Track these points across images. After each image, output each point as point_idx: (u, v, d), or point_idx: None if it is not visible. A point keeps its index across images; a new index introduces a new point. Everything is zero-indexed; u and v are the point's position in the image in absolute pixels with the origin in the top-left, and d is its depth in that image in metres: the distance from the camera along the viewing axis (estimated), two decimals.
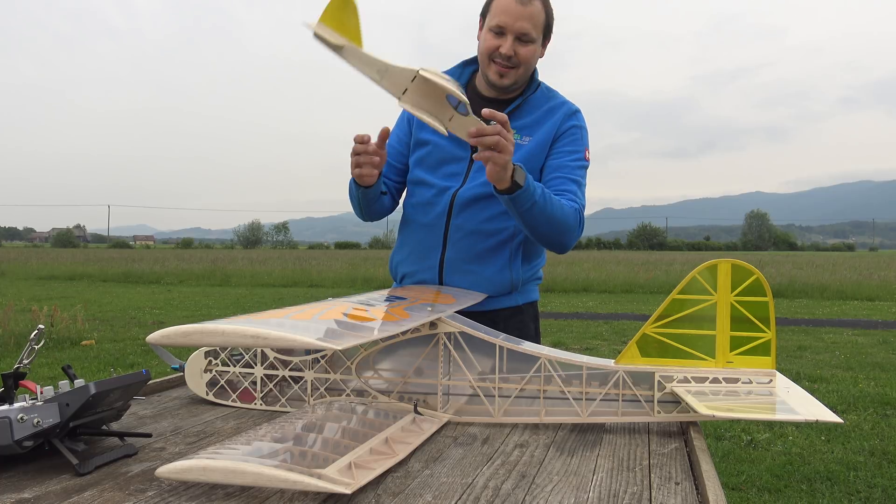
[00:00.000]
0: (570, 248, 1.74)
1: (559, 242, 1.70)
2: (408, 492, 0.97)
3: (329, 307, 1.16)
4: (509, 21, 1.71)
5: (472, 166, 1.81)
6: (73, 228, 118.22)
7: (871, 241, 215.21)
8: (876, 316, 11.66)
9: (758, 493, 3.49)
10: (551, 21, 1.80)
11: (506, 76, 1.77)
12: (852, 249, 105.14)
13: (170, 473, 0.95)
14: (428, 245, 1.83)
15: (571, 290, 16.59)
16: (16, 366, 1.10)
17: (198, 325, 0.89)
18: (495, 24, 1.73)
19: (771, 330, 1.29)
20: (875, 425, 4.65)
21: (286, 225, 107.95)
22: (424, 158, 1.86)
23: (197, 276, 20.47)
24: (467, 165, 1.82)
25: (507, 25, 1.71)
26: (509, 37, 1.72)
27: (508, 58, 1.73)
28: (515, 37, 1.72)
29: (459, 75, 1.89)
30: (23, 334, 7.35)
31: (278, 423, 1.17)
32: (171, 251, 51.74)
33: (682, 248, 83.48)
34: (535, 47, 1.76)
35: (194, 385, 1.51)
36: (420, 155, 1.87)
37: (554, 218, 1.62)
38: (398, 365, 1.40)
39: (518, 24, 1.71)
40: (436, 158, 1.84)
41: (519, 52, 1.74)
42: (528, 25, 1.72)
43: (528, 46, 1.74)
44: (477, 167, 1.80)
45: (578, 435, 1.28)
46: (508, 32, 1.72)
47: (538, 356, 1.32)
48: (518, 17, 1.71)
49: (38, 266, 23.53)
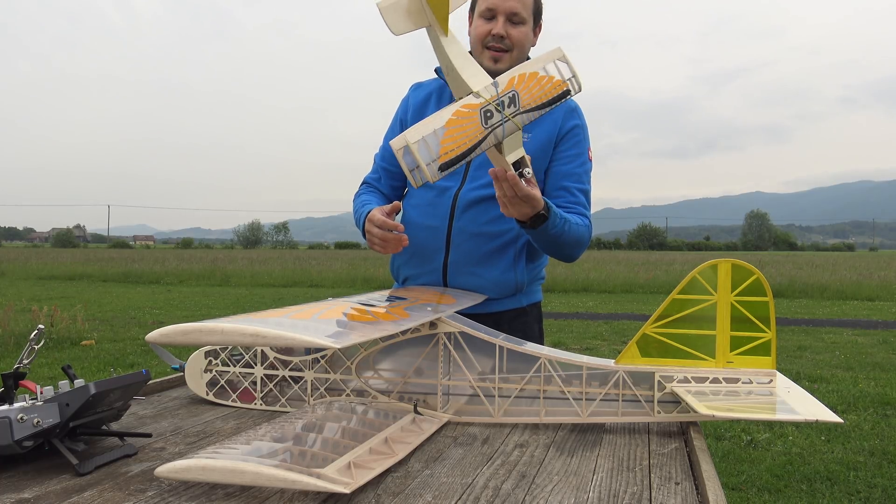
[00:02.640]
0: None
1: (568, 255, 1.72)
2: (408, 492, 0.97)
3: (329, 307, 1.16)
4: (498, 2, 1.73)
5: (471, 165, 1.80)
6: (72, 228, 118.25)
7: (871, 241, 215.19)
8: (876, 316, 11.66)
9: (758, 493, 3.48)
10: (540, 4, 1.82)
11: (500, 60, 1.77)
12: (852, 249, 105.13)
13: (169, 473, 0.95)
14: (431, 248, 1.81)
15: (571, 290, 16.59)
16: (16, 366, 1.10)
17: (197, 324, 0.89)
18: (485, 7, 1.75)
19: (771, 330, 1.29)
20: (875, 425, 4.65)
21: (286, 225, 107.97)
22: None
23: (197, 276, 20.47)
24: (465, 165, 1.81)
25: (496, 6, 1.74)
26: (500, 18, 1.74)
27: (501, 38, 1.74)
28: (506, 17, 1.74)
29: None
30: (23, 334, 7.35)
31: (278, 423, 1.17)
32: (171, 251, 51.74)
33: (682, 248, 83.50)
34: (526, 29, 1.77)
35: (194, 385, 1.51)
36: None
37: (570, 239, 1.64)
38: (398, 365, 1.40)
39: (507, 3, 1.73)
40: None
41: (511, 32, 1.75)
42: (517, 5, 1.74)
43: (519, 28, 1.76)
44: (476, 166, 1.79)
45: (578, 435, 1.28)
46: (499, 14, 1.74)
47: (538, 356, 1.32)
48: None
49: (38, 266, 23.53)
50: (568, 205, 1.72)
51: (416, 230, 1.86)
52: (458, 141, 1.17)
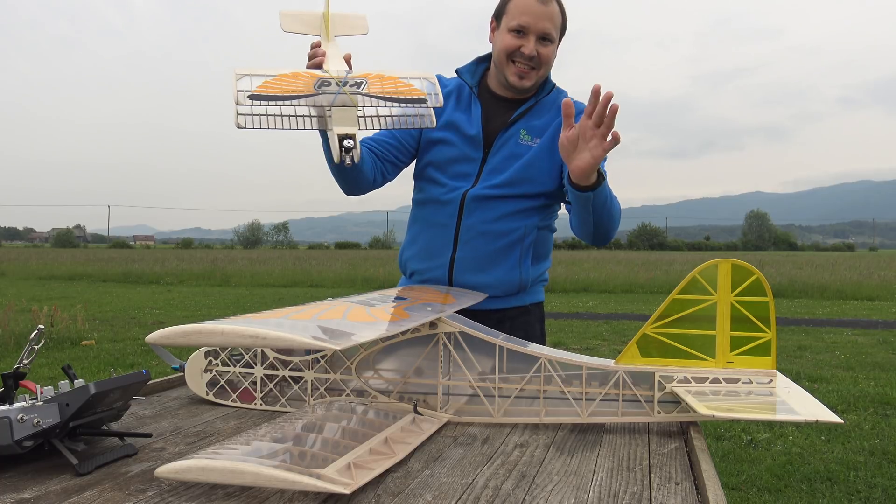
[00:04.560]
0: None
1: (609, 233, 1.67)
2: (408, 492, 0.97)
3: (329, 307, 1.16)
4: (531, 21, 1.70)
5: (484, 168, 1.81)
6: (73, 228, 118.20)
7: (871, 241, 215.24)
8: (876, 316, 11.66)
9: (758, 493, 3.48)
10: (566, 21, 1.80)
11: (526, 77, 1.75)
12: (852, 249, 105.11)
13: (169, 473, 0.95)
14: (439, 244, 1.83)
15: (571, 290, 16.59)
16: (16, 366, 1.10)
17: (197, 325, 0.89)
18: (516, 24, 1.71)
19: (771, 330, 1.29)
20: (875, 425, 4.65)
21: (286, 225, 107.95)
22: (436, 157, 1.85)
23: (197, 276, 20.47)
24: (479, 167, 1.81)
25: (529, 25, 1.70)
26: (531, 37, 1.71)
27: (531, 58, 1.72)
28: (538, 37, 1.71)
29: (473, 72, 1.88)
30: (23, 334, 7.35)
31: (278, 423, 1.17)
32: (171, 251, 51.74)
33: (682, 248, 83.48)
34: (554, 48, 1.76)
35: (194, 385, 1.51)
36: (432, 154, 1.86)
37: (614, 210, 1.63)
38: (398, 365, 1.40)
39: (541, 24, 1.70)
40: (447, 157, 1.83)
41: (541, 52, 1.73)
42: (549, 25, 1.71)
43: (548, 47, 1.74)
44: (489, 169, 1.80)
45: (578, 435, 1.28)
46: (531, 33, 1.71)
47: (538, 356, 1.32)
48: (540, 17, 1.70)
49: (38, 266, 23.53)
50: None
51: (425, 226, 1.87)
52: (280, 88, 1.26)
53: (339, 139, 1.27)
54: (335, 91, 1.28)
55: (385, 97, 1.32)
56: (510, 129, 1.80)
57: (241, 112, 1.21)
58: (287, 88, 1.25)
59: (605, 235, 1.67)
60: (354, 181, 1.74)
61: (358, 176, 1.72)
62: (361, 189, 1.80)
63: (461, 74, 1.88)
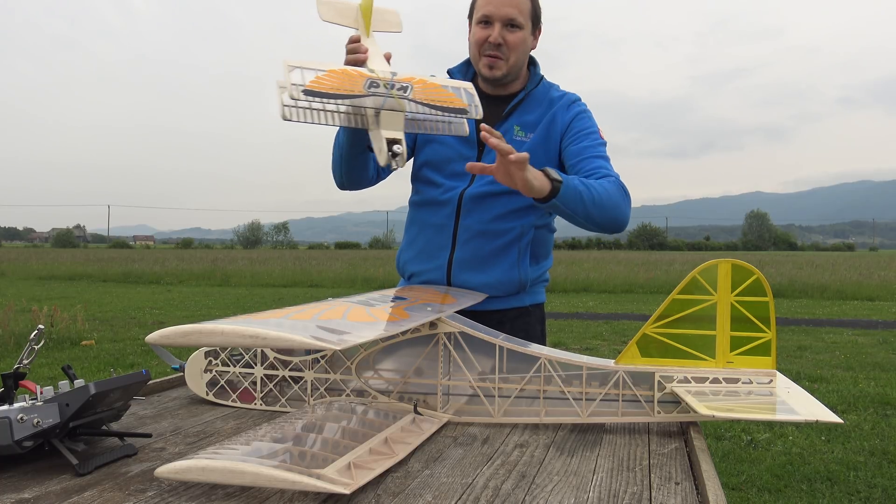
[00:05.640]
0: (628, 221, 1.66)
1: (614, 220, 1.62)
2: (408, 492, 0.97)
3: (329, 307, 1.16)
4: (494, 10, 1.72)
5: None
6: (72, 228, 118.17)
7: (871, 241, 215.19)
8: (876, 316, 11.66)
9: (758, 493, 3.48)
10: (538, 9, 1.80)
11: (495, 66, 1.76)
12: (852, 249, 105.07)
13: (169, 473, 0.95)
14: (437, 245, 1.83)
15: (571, 290, 16.58)
16: (16, 366, 1.10)
17: (197, 325, 0.89)
18: (481, 14, 1.74)
19: (771, 330, 1.29)
20: (875, 425, 4.65)
21: (286, 225, 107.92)
22: (431, 157, 1.85)
23: (197, 276, 20.46)
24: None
25: (492, 14, 1.73)
26: (496, 24, 1.73)
27: (497, 45, 1.73)
28: (502, 24, 1.73)
29: (464, 73, 1.89)
30: (23, 334, 7.35)
31: (278, 424, 1.17)
32: (171, 251, 51.73)
33: (682, 248, 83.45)
34: (523, 34, 1.76)
35: (194, 385, 1.51)
36: (427, 154, 1.86)
37: (602, 201, 1.57)
38: (398, 365, 1.40)
39: (503, 10, 1.72)
40: (443, 157, 1.83)
41: (507, 38, 1.74)
42: (513, 11, 1.73)
43: (515, 33, 1.74)
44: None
45: (578, 435, 1.28)
46: (495, 20, 1.73)
47: (538, 356, 1.32)
48: (503, 4, 1.72)
49: (38, 266, 23.53)
50: (587, 173, 1.66)
51: (422, 227, 1.87)
52: (332, 85, 1.24)
53: (388, 143, 1.29)
54: (384, 94, 1.29)
55: (430, 104, 1.34)
56: (503, 124, 1.80)
57: (286, 103, 1.23)
58: (339, 87, 1.25)
59: (606, 225, 1.62)
60: (359, 175, 1.79)
61: (362, 172, 1.77)
62: (360, 184, 1.83)
63: (452, 75, 1.88)
